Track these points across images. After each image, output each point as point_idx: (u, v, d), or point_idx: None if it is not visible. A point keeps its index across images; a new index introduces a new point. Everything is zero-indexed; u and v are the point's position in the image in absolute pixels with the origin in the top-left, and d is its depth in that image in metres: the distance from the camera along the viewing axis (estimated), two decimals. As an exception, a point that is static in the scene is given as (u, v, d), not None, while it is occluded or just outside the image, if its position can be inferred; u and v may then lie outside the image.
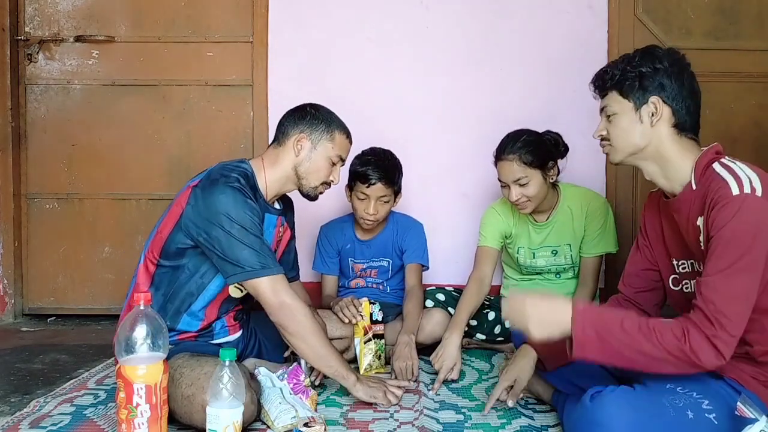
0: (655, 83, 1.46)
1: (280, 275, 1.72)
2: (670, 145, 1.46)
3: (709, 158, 1.44)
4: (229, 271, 1.70)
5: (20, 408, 1.82)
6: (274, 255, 1.78)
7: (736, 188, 1.33)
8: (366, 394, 1.79)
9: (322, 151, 1.87)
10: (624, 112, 1.49)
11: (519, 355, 1.76)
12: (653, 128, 1.46)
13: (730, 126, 2.83)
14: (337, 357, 1.78)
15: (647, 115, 1.47)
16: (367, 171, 2.29)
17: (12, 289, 2.93)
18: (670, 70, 1.46)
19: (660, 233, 1.60)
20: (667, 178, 1.49)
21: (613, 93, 1.51)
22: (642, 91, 1.47)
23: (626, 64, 1.49)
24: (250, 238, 1.69)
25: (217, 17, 2.90)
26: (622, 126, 1.50)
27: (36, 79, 2.94)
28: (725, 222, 1.31)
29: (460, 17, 2.83)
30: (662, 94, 1.46)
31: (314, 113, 1.89)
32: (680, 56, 1.49)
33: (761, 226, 1.29)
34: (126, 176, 2.94)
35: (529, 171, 2.15)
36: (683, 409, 1.32)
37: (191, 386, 1.59)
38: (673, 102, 1.45)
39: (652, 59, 1.47)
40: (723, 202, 1.33)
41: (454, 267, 2.82)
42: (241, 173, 1.78)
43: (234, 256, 1.68)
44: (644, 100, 1.47)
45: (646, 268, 1.64)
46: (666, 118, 1.46)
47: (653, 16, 2.82)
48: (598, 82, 1.56)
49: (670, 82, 1.45)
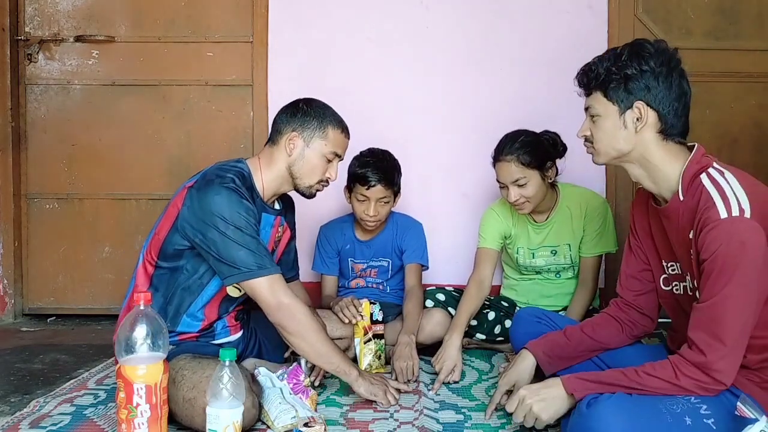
0: (640, 86, 1.41)
1: (277, 275, 1.71)
2: (655, 150, 1.43)
3: (696, 168, 1.41)
4: (225, 272, 1.69)
5: (20, 408, 1.82)
6: (270, 255, 1.76)
7: (723, 211, 1.31)
8: (367, 390, 1.78)
9: (315, 149, 1.83)
10: (608, 115, 1.45)
11: (518, 360, 1.75)
12: (638, 134, 1.43)
13: (730, 126, 2.83)
14: (338, 353, 1.77)
15: (631, 120, 1.42)
16: (366, 173, 2.29)
17: (12, 289, 2.93)
18: (658, 71, 1.40)
19: (649, 232, 1.59)
20: (654, 182, 1.47)
21: (598, 94, 1.46)
22: (627, 95, 1.42)
23: (612, 64, 1.43)
24: (246, 239, 1.67)
25: (217, 17, 2.90)
26: (605, 129, 1.46)
27: (36, 79, 2.94)
28: (715, 248, 1.30)
29: (460, 17, 2.83)
30: (648, 98, 1.41)
31: (306, 110, 1.84)
32: (670, 54, 1.43)
33: (750, 249, 1.28)
34: (126, 176, 2.94)
35: (527, 171, 2.15)
36: (681, 415, 1.31)
37: (193, 389, 1.58)
38: (659, 105, 1.41)
39: (639, 59, 1.41)
40: (711, 226, 1.31)
41: (454, 267, 2.81)
42: (237, 173, 1.76)
43: (230, 257, 1.66)
44: (629, 105, 1.42)
45: (641, 269, 1.63)
46: (651, 123, 1.42)
47: (653, 16, 2.82)
48: (582, 80, 1.51)
49: (656, 84, 1.40)
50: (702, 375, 1.32)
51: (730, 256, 1.29)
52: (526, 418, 1.48)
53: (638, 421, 1.30)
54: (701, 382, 1.33)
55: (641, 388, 1.36)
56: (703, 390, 1.33)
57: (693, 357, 1.34)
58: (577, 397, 1.41)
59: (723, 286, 1.30)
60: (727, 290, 1.30)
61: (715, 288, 1.31)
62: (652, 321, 1.67)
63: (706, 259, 1.32)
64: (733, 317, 1.30)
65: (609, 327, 1.68)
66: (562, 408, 1.45)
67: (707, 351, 1.31)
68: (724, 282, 1.30)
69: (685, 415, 1.32)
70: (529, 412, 1.47)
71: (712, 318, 1.32)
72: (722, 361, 1.31)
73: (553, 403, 1.45)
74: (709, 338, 1.32)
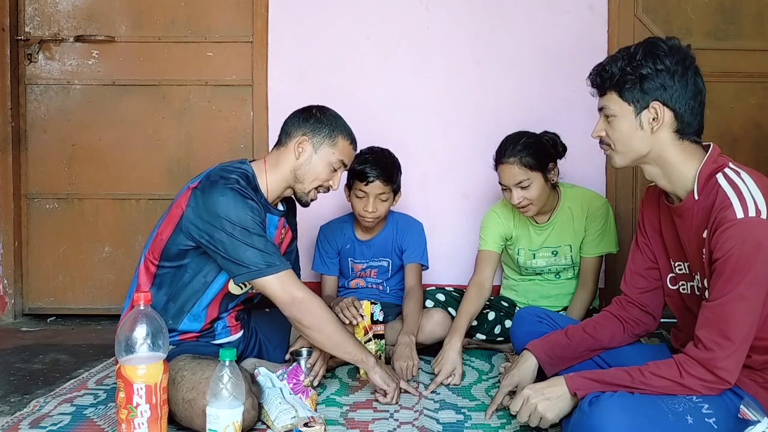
0: (656, 85, 1.39)
1: (286, 271, 1.71)
2: (672, 150, 1.43)
3: (713, 168, 1.40)
4: (234, 271, 1.70)
5: (20, 408, 1.82)
6: (278, 251, 1.77)
7: (740, 211, 1.30)
8: (382, 378, 1.80)
9: (323, 156, 1.85)
10: (623, 115, 1.43)
11: (520, 361, 1.73)
12: (654, 134, 1.41)
13: (730, 126, 2.83)
14: (353, 342, 1.79)
15: (647, 120, 1.41)
16: (365, 169, 2.29)
17: (12, 289, 2.93)
18: (673, 69, 1.39)
19: (659, 230, 1.58)
20: (669, 181, 1.46)
21: (612, 94, 1.44)
22: (643, 95, 1.40)
23: (626, 64, 1.42)
24: (253, 238, 1.68)
25: (217, 17, 2.90)
26: (621, 130, 1.45)
27: (36, 79, 2.94)
28: (730, 248, 1.29)
29: (460, 17, 2.83)
30: (664, 97, 1.39)
31: (319, 116, 1.86)
32: (684, 52, 1.42)
33: (766, 251, 1.28)
34: (126, 176, 2.94)
35: (530, 174, 2.15)
36: (682, 414, 1.32)
37: (192, 390, 1.58)
38: (675, 104, 1.40)
39: (654, 58, 1.39)
40: (726, 225, 1.31)
41: (454, 267, 2.81)
42: (242, 174, 1.77)
43: (238, 257, 1.67)
44: (645, 105, 1.41)
45: (648, 267, 1.62)
46: (668, 123, 1.41)
47: (653, 16, 2.82)
48: (596, 80, 1.49)
49: (672, 83, 1.39)
50: (707, 373, 1.32)
51: (744, 256, 1.28)
52: (531, 417, 1.48)
53: (640, 419, 1.30)
54: (706, 381, 1.33)
55: (645, 387, 1.36)
56: (707, 389, 1.33)
57: (699, 354, 1.33)
58: (580, 396, 1.41)
59: (735, 286, 1.29)
60: (738, 290, 1.29)
61: (727, 287, 1.31)
62: (654, 320, 1.67)
63: (719, 259, 1.31)
64: (743, 317, 1.30)
65: (611, 326, 1.68)
66: (567, 407, 1.45)
67: (714, 348, 1.31)
68: (737, 281, 1.29)
69: (686, 414, 1.32)
70: (534, 411, 1.46)
71: (722, 317, 1.32)
72: (728, 360, 1.31)
73: (558, 402, 1.45)
74: (716, 336, 1.31)
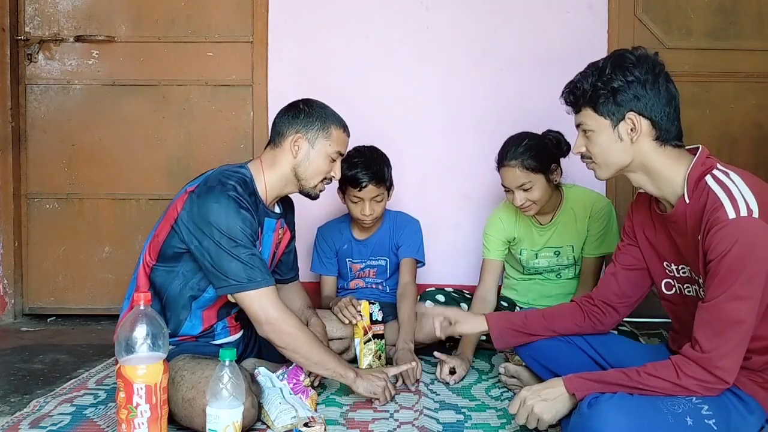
0: (629, 96, 1.40)
1: (266, 288, 1.68)
2: (655, 157, 1.43)
3: (701, 171, 1.40)
4: (216, 283, 1.69)
5: (20, 408, 1.82)
6: (265, 266, 1.72)
7: (732, 211, 1.31)
8: (366, 390, 1.78)
9: (320, 150, 1.83)
10: (601, 129, 1.44)
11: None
12: (634, 144, 1.42)
13: (730, 126, 2.82)
14: (332, 357, 1.77)
15: (626, 132, 1.42)
16: (356, 174, 2.27)
17: (12, 289, 2.93)
18: (644, 79, 1.40)
19: (652, 237, 1.58)
20: (658, 187, 1.47)
21: (588, 110, 1.46)
22: (617, 107, 1.41)
23: (597, 79, 1.43)
24: (239, 250, 1.65)
25: (217, 17, 2.90)
26: (601, 143, 1.46)
27: (36, 79, 2.94)
28: (724, 249, 1.29)
29: (460, 17, 2.83)
30: (639, 107, 1.40)
31: (307, 110, 1.84)
32: (653, 60, 1.43)
33: (759, 250, 1.28)
34: (126, 176, 2.94)
35: (532, 176, 2.14)
36: (682, 416, 1.31)
37: (192, 389, 1.58)
38: (651, 113, 1.40)
39: (623, 71, 1.41)
40: (719, 226, 1.31)
41: (454, 267, 2.82)
42: (240, 180, 1.75)
43: (222, 267, 1.65)
44: (621, 117, 1.42)
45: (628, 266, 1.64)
46: (646, 131, 1.42)
47: (653, 16, 2.82)
48: (569, 98, 1.50)
49: (645, 92, 1.40)
50: (704, 373, 1.32)
51: (737, 256, 1.28)
52: (528, 419, 1.48)
53: (639, 421, 1.29)
54: (703, 381, 1.33)
55: (643, 388, 1.36)
56: (705, 389, 1.33)
57: (696, 354, 1.33)
58: (579, 397, 1.41)
59: (730, 285, 1.30)
60: (733, 290, 1.29)
61: (721, 287, 1.31)
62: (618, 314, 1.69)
63: (713, 259, 1.31)
64: (739, 316, 1.30)
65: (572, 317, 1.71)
66: (564, 408, 1.45)
67: (711, 348, 1.31)
68: (731, 281, 1.29)
69: (686, 415, 1.32)
70: (531, 413, 1.46)
71: (717, 316, 1.32)
72: (725, 359, 1.31)
73: (555, 403, 1.45)
74: (713, 336, 1.32)
